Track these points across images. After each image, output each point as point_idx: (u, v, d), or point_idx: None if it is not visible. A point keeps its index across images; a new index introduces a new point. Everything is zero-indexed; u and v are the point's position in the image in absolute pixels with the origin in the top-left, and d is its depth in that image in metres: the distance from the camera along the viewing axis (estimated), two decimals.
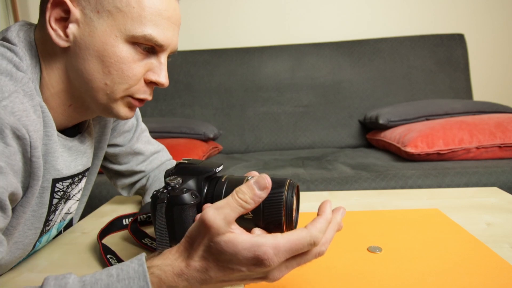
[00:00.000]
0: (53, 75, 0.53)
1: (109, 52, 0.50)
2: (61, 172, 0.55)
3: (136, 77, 0.53)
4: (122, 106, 0.55)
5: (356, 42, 2.08)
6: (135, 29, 0.50)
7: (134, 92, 0.54)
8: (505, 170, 1.26)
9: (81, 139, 0.61)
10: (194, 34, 2.23)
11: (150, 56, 0.54)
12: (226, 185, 0.50)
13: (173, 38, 0.54)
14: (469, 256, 0.52)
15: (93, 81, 0.52)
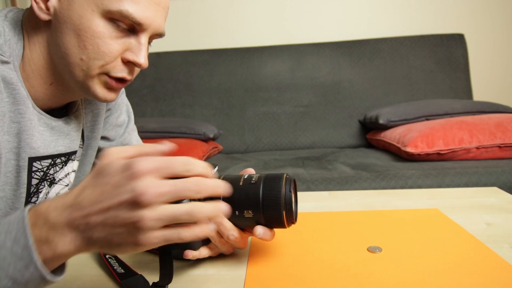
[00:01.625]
0: (35, 51, 0.54)
1: (85, 26, 0.50)
2: (38, 151, 0.55)
3: (112, 54, 0.52)
4: (99, 85, 0.54)
5: (356, 42, 2.08)
6: (112, 4, 0.49)
7: (110, 69, 0.53)
8: (505, 170, 1.26)
9: (66, 120, 0.61)
10: (194, 34, 2.23)
11: (130, 35, 0.53)
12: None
13: (155, 19, 0.53)
14: (469, 256, 0.52)
15: (69, 55, 0.52)
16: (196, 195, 0.35)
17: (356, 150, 1.82)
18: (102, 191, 0.35)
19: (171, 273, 0.45)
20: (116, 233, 0.34)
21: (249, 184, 0.49)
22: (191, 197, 0.35)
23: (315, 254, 0.55)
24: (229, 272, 0.51)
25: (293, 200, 0.50)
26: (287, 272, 0.50)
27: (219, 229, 0.50)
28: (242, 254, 0.56)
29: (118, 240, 0.35)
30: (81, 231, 0.35)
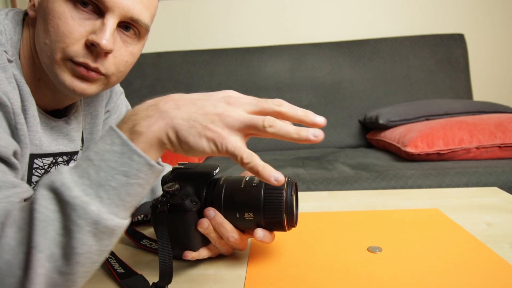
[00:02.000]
0: (25, 46, 0.54)
1: (49, 9, 0.49)
2: (40, 148, 0.55)
3: (73, 36, 0.49)
4: (65, 72, 0.51)
5: (356, 42, 2.08)
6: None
7: (72, 53, 0.50)
8: (505, 170, 1.26)
9: (66, 121, 0.61)
10: (194, 34, 2.23)
11: (96, 18, 0.50)
12: (225, 187, 0.50)
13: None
14: (469, 256, 0.52)
15: (38, 42, 0.51)
16: (277, 107, 0.39)
17: (356, 150, 1.82)
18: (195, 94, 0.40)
19: (170, 273, 0.45)
20: (198, 120, 0.38)
21: (250, 186, 0.49)
22: (272, 108, 0.39)
23: (315, 254, 0.55)
24: (229, 272, 0.51)
25: (294, 203, 0.49)
26: (288, 272, 0.50)
27: (219, 231, 0.50)
28: (242, 254, 0.56)
29: (197, 129, 0.38)
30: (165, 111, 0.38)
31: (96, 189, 0.37)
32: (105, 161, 0.37)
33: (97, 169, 0.37)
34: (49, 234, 0.35)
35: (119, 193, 0.37)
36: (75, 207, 0.35)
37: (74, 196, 0.36)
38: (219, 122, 0.38)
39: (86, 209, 0.36)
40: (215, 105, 0.39)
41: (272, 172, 0.38)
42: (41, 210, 0.35)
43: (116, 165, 0.37)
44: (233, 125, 0.38)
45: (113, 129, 0.38)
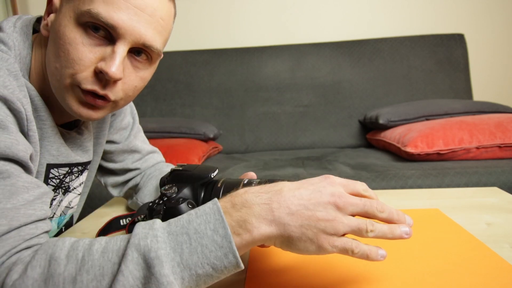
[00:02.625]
0: (37, 65, 0.54)
1: (61, 33, 0.48)
2: (57, 158, 0.56)
3: (82, 62, 0.48)
4: (72, 98, 0.50)
5: (356, 42, 2.08)
6: (83, 5, 0.47)
7: (80, 80, 0.48)
8: (505, 170, 1.26)
9: (78, 132, 0.61)
10: (194, 34, 2.23)
11: (107, 45, 0.48)
12: (222, 190, 0.50)
13: (134, 24, 0.48)
14: (469, 256, 0.52)
15: (48, 65, 0.51)
16: (379, 214, 0.41)
17: (356, 150, 1.82)
18: (304, 187, 0.41)
19: None
20: (310, 227, 0.39)
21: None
22: (375, 213, 0.41)
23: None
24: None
25: None
26: (287, 272, 0.50)
27: None
28: (242, 255, 0.56)
29: (308, 235, 0.39)
30: (279, 217, 0.39)
31: (183, 270, 0.37)
32: (202, 246, 0.37)
33: (191, 251, 0.37)
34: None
35: (199, 280, 0.38)
36: (160, 285, 0.35)
37: (164, 274, 0.35)
38: (330, 229, 0.39)
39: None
40: (326, 209, 0.39)
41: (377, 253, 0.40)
42: (126, 274, 0.35)
43: (210, 256, 0.37)
44: (342, 231, 0.39)
45: (221, 215, 0.38)
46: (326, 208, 0.39)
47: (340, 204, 0.40)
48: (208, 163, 1.65)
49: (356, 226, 0.39)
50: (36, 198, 0.42)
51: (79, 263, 0.36)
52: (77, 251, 0.37)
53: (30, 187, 0.42)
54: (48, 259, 0.36)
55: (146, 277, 0.36)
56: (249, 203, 0.39)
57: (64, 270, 0.36)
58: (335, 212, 0.39)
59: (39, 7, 2.20)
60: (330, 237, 0.39)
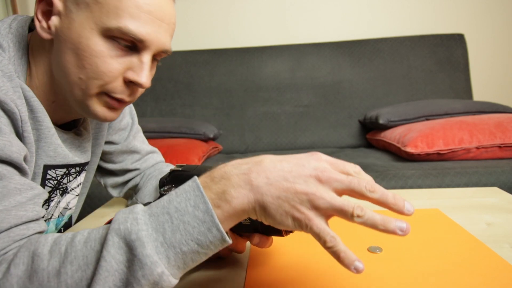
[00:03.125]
0: (39, 68, 0.54)
1: (84, 45, 0.49)
2: (54, 159, 0.55)
3: (112, 74, 0.50)
4: (98, 104, 0.53)
5: (356, 42, 2.08)
6: (110, 21, 0.48)
7: (110, 90, 0.51)
8: (505, 170, 1.25)
9: (76, 132, 0.61)
10: (194, 34, 2.23)
11: (132, 54, 0.51)
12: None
13: (158, 35, 0.51)
14: (469, 256, 0.52)
15: (69, 74, 0.51)
16: (369, 193, 0.36)
17: (356, 150, 1.82)
18: (286, 160, 0.39)
19: None
20: (288, 199, 0.37)
21: None
22: (363, 192, 0.37)
23: (315, 254, 0.55)
24: (229, 273, 0.51)
25: None
26: (288, 272, 0.50)
27: None
28: (242, 255, 0.56)
29: (285, 207, 0.37)
30: (257, 186, 0.37)
31: (167, 249, 0.36)
32: (184, 223, 0.37)
33: (174, 229, 0.36)
34: (108, 284, 0.35)
35: (186, 258, 0.37)
36: (143, 266, 0.35)
37: (147, 254, 0.35)
38: (307, 203, 0.37)
39: (153, 271, 0.35)
40: (307, 182, 0.37)
41: (352, 259, 0.36)
42: (108, 258, 0.35)
43: (193, 232, 0.37)
44: (322, 207, 0.36)
45: (200, 191, 0.38)
46: (307, 181, 0.37)
47: (322, 178, 0.37)
48: (208, 163, 1.65)
49: (339, 205, 0.36)
50: (28, 200, 0.42)
51: (63, 256, 0.36)
52: (59, 245, 0.37)
53: (22, 189, 0.42)
54: (31, 256, 0.36)
55: (129, 260, 0.35)
56: (228, 174, 0.38)
57: (47, 264, 0.36)
58: (316, 185, 0.37)
59: None
60: (308, 213, 0.36)
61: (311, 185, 0.37)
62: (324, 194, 0.36)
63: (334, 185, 0.37)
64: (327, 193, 0.37)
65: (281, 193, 0.37)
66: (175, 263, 0.37)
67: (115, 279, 0.35)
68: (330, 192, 0.37)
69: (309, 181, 0.37)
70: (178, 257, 0.37)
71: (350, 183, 0.37)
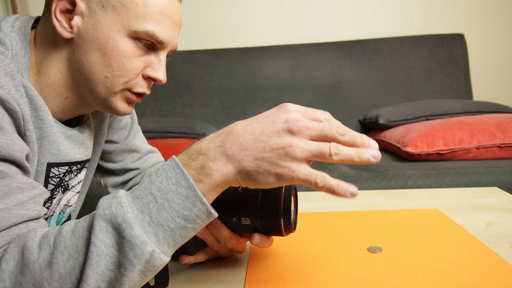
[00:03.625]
0: (51, 66, 0.54)
1: (111, 46, 0.52)
2: (57, 157, 0.56)
3: (135, 71, 0.54)
4: (120, 100, 0.56)
5: (356, 42, 2.08)
6: (138, 25, 0.52)
7: (133, 86, 0.55)
8: (505, 170, 1.25)
9: (80, 129, 0.61)
10: (194, 34, 2.23)
11: (150, 52, 0.55)
12: (222, 192, 0.50)
13: (173, 37, 0.56)
14: (469, 256, 0.52)
15: (93, 73, 0.53)
16: (340, 137, 0.38)
17: None
18: (257, 121, 0.40)
19: (166, 277, 0.45)
20: (265, 158, 0.38)
21: (248, 190, 0.49)
22: (335, 136, 0.38)
23: (315, 255, 0.55)
24: (229, 273, 0.51)
25: (292, 208, 0.49)
26: (288, 272, 0.50)
27: (215, 235, 0.50)
28: (242, 254, 0.56)
29: (265, 167, 0.38)
30: (233, 155, 0.39)
31: (155, 228, 0.37)
32: (169, 201, 0.38)
33: (159, 208, 0.38)
34: (100, 268, 0.36)
35: (174, 235, 0.38)
36: (134, 246, 0.36)
37: (135, 235, 0.36)
38: (286, 157, 0.38)
39: (143, 250, 0.36)
40: (280, 137, 0.38)
41: (346, 188, 0.38)
42: (97, 243, 0.36)
43: (178, 208, 0.38)
44: (301, 156, 0.38)
45: (180, 168, 0.39)
46: (281, 136, 0.38)
47: (295, 129, 0.38)
48: None
49: (317, 149, 0.38)
50: (30, 199, 0.42)
51: (52, 247, 0.37)
52: (48, 238, 0.37)
53: (24, 188, 0.42)
54: (20, 251, 0.37)
55: (119, 243, 0.36)
56: (204, 149, 0.40)
57: (38, 257, 0.36)
58: (291, 138, 0.38)
59: (39, 7, 2.20)
60: (290, 165, 0.38)
61: (285, 138, 0.38)
62: (300, 143, 0.38)
63: (307, 133, 0.38)
64: (302, 141, 0.38)
65: (257, 154, 0.38)
66: (164, 241, 0.38)
67: (107, 263, 0.36)
68: (305, 140, 0.38)
69: (282, 135, 0.38)
70: (167, 235, 0.38)
71: (322, 129, 0.39)
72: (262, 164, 0.38)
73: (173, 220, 0.38)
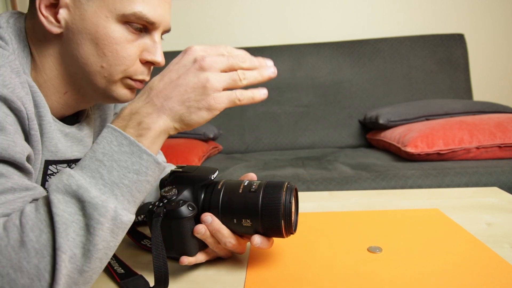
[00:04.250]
0: (46, 62, 0.53)
1: (102, 34, 0.50)
2: (55, 154, 0.56)
3: (131, 57, 0.53)
4: (122, 88, 0.56)
5: (356, 42, 2.08)
6: (125, 8, 0.50)
7: (132, 73, 0.55)
8: (505, 170, 1.25)
9: (79, 127, 0.61)
10: (194, 34, 2.23)
11: (143, 36, 0.54)
12: (222, 192, 0.50)
13: (165, 15, 0.54)
14: (469, 256, 0.52)
15: (89, 65, 0.52)
16: (243, 64, 0.45)
17: (356, 150, 1.82)
18: (169, 70, 0.44)
19: (166, 278, 0.45)
20: (191, 98, 0.43)
21: (248, 192, 0.49)
22: (239, 65, 0.45)
23: (315, 255, 0.55)
24: (229, 273, 0.51)
25: (293, 210, 0.49)
26: (288, 272, 0.50)
27: (216, 236, 0.49)
28: (242, 255, 0.56)
29: (194, 106, 0.43)
30: (161, 106, 0.42)
31: (111, 187, 0.39)
32: (116, 161, 0.40)
33: (109, 169, 0.40)
34: (70, 235, 0.37)
35: (131, 190, 0.41)
36: (96, 206, 0.38)
37: (94, 196, 0.38)
38: (207, 90, 0.42)
39: (107, 207, 0.38)
40: (197, 76, 0.43)
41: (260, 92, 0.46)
42: (60, 213, 0.37)
43: (127, 164, 0.40)
44: (219, 86, 0.43)
45: (118, 131, 0.41)
46: (196, 75, 0.42)
47: (205, 65, 0.43)
48: (208, 163, 1.65)
49: (229, 77, 0.44)
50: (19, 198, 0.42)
51: (20, 228, 0.37)
52: (12, 221, 0.38)
53: (18, 189, 0.42)
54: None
55: (81, 208, 0.38)
56: (135, 109, 0.43)
57: (8, 240, 0.37)
58: (205, 73, 0.42)
59: None
60: (213, 96, 0.43)
61: (200, 76, 0.43)
62: (214, 76, 0.43)
63: (217, 67, 0.43)
64: (216, 74, 0.43)
65: (183, 97, 0.43)
66: (123, 198, 0.40)
67: (75, 229, 0.37)
68: (217, 73, 0.43)
69: (197, 74, 0.43)
70: (124, 191, 0.40)
71: (228, 60, 0.44)
72: (190, 103, 0.43)
73: (126, 177, 0.40)
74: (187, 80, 0.42)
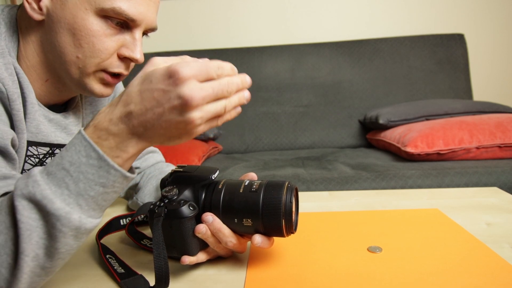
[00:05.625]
0: (29, 48, 0.54)
1: (79, 25, 0.51)
2: (36, 136, 0.56)
3: (107, 51, 0.53)
4: (95, 81, 0.56)
5: (356, 42, 2.08)
6: (105, 2, 0.50)
7: (107, 66, 0.54)
8: (505, 170, 1.25)
9: (65, 115, 0.62)
10: (194, 34, 2.23)
11: (123, 31, 0.54)
12: (223, 192, 0.50)
13: (147, 14, 0.54)
14: (469, 256, 0.52)
15: (65, 54, 0.53)
16: (229, 94, 0.41)
17: (356, 150, 1.82)
18: (151, 97, 0.39)
19: (167, 278, 0.45)
20: (173, 133, 0.41)
21: (249, 191, 0.49)
22: (226, 96, 0.41)
23: (315, 254, 0.55)
24: (229, 273, 0.51)
25: (293, 209, 0.49)
26: (288, 272, 0.50)
27: (217, 236, 0.49)
28: (243, 255, 0.56)
29: (175, 136, 0.41)
30: (142, 134, 0.41)
31: (76, 198, 0.39)
32: (83, 173, 0.39)
33: (75, 180, 0.39)
34: (34, 239, 0.38)
35: (97, 200, 0.41)
36: (59, 217, 0.38)
37: (57, 208, 0.38)
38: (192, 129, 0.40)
39: (70, 219, 0.39)
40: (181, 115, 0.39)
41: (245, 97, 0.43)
42: (24, 220, 0.38)
43: (93, 178, 0.40)
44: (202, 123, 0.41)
45: (87, 141, 0.40)
46: (181, 115, 0.39)
47: (193, 105, 0.38)
48: (208, 163, 1.65)
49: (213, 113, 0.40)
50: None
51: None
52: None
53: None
54: None
55: (44, 216, 0.38)
56: (113, 131, 0.40)
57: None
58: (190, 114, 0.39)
59: None
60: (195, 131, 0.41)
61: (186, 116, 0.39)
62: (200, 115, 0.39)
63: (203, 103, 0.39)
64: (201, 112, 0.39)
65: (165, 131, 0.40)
66: (88, 207, 0.40)
67: (39, 233, 0.38)
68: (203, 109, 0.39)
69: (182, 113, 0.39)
70: (89, 202, 0.40)
71: (216, 95, 0.40)
72: (171, 136, 0.41)
73: (92, 189, 0.40)
74: (171, 117, 0.39)
